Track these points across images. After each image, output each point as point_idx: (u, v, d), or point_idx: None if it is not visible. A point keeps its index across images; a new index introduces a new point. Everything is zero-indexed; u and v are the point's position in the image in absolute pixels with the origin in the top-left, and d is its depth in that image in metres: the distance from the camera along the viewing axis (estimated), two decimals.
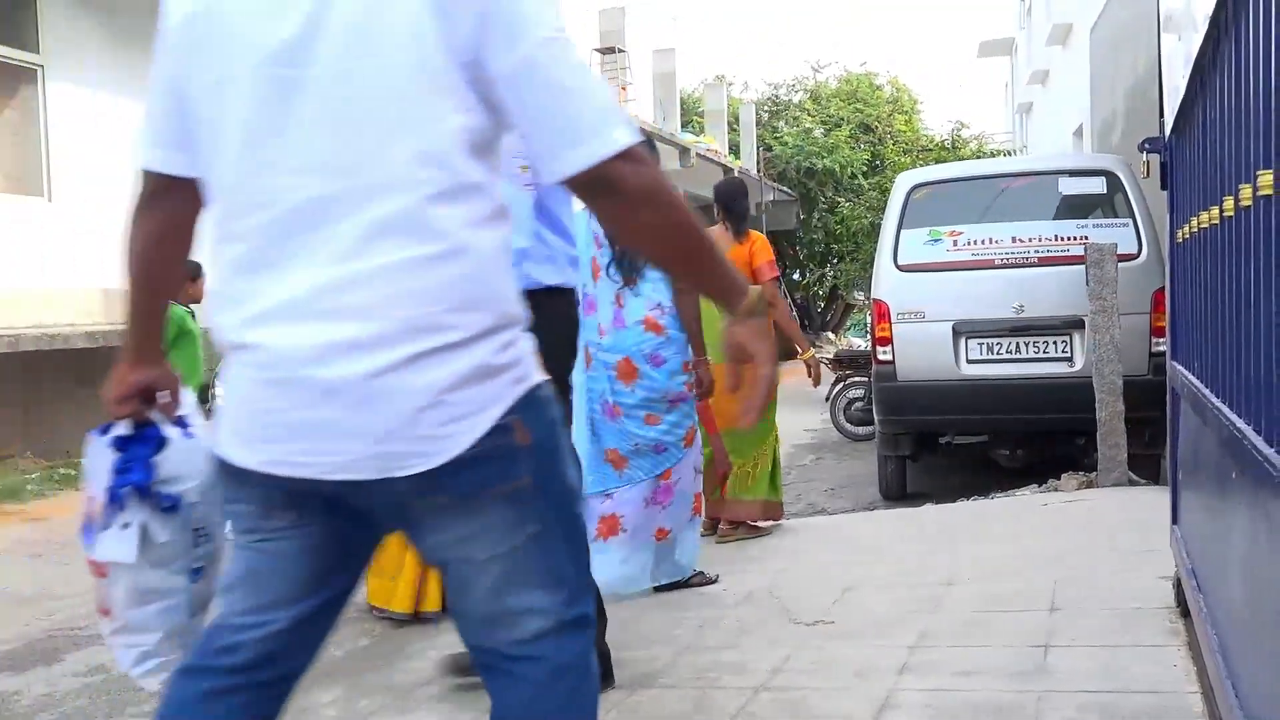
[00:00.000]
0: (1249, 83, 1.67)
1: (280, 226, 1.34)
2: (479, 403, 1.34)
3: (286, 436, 1.35)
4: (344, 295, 1.31)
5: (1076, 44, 14.79)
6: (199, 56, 1.40)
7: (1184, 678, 2.62)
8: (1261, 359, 1.60)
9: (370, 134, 1.31)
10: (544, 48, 1.33)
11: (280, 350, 1.33)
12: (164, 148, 1.50)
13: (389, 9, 1.30)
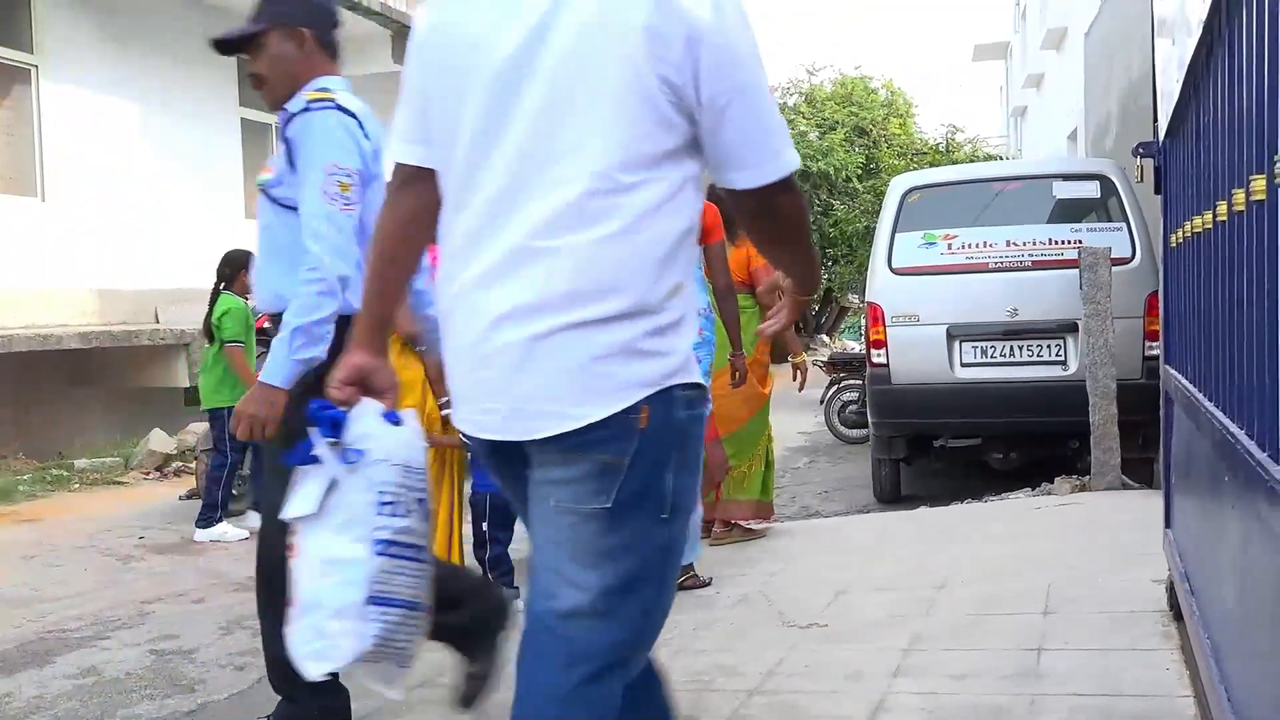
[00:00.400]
0: (1242, 87, 1.68)
1: (491, 208, 1.53)
2: (619, 381, 1.47)
3: (469, 397, 1.57)
4: (521, 267, 1.49)
5: (1071, 48, 14.83)
6: (440, 64, 1.62)
7: (1177, 681, 2.62)
8: (1254, 363, 1.60)
9: (571, 133, 1.49)
10: (754, 76, 1.53)
11: (469, 315, 1.53)
12: (412, 143, 1.70)
13: (607, 28, 1.47)
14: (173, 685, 3.35)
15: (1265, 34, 1.45)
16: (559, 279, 1.47)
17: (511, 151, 1.52)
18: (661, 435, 1.48)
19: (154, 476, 7.94)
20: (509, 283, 1.49)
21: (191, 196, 10.36)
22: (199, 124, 10.55)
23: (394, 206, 1.74)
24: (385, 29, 11.74)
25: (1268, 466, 1.43)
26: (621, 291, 1.48)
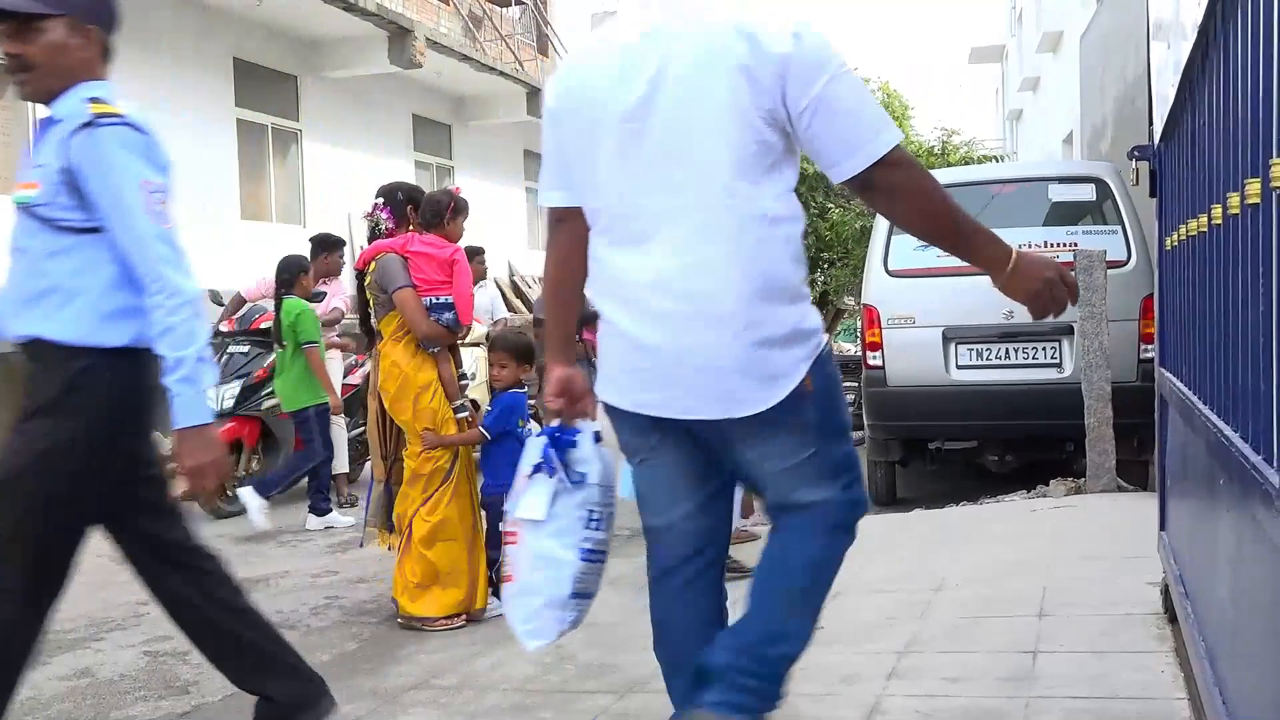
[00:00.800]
0: (1237, 91, 1.68)
1: (640, 231, 1.91)
2: (791, 363, 1.89)
3: (650, 384, 1.92)
4: (688, 281, 1.87)
5: (1067, 51, 14.86)
6: (574, 119, 1.99)
7: (1171, 684, 2.62)
8: (1249, 366, 1.60)
9: (697, 162, 1.86)
10: (829, 86, 1.81)
11: (669, 320, 1.88)
12: (557, 189, 2.09)
13: (710, 77, 1.84)
14: (167, 687, 3.34)
15: (1260, 38, 1.46)
16: (726, 284, 1.85)
17: (646, 182, 1.90)
18: (824, 389, 1.93)
19: None
20: (680, 294, 1.87)
21: (186, 197, 10.28)
22: (194, 124, 10.53)
23: (556, 242, 2.14)
24: (382, 30, 11.73)
25: (1262, 470, 1.43)
26: (782, 285, 1.90)
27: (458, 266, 3.95)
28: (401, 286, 3.84)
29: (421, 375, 3.89)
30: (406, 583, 3.84)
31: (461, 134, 15.68)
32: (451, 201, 4.03)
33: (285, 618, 4.09)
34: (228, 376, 6.31)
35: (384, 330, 3.94)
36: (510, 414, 3.94)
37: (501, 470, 3.88)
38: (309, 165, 12.27)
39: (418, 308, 3.85)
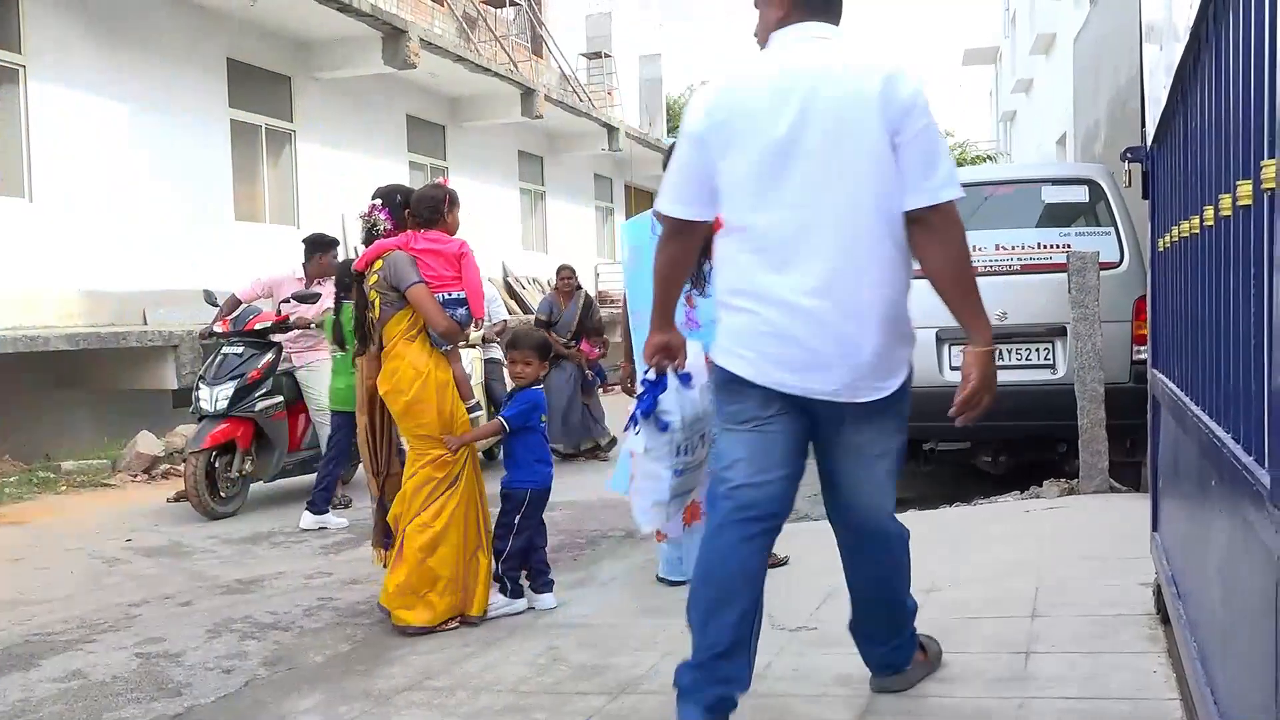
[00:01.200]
0: (1228, 93, 1.68)
1: (789, 240, 2.32)
2: (904, 359, 2.41)
3: (793, 366, 2.35)
4: (836, 284, 2.30)
5: (1060, 53, 14.88)
6: (723, 145, 2.38)
7: (1164, 684, 2.63)
8: (1240, 368, 1.61)
9: (848, 182, 2.29)
10: (926, 131, 2.31)
11: (813, 315, 2.31)
12: (684, 204, 2.46)
13: (858, 110, 2.28)
14: (159, 689, 3.33)
15: (1252, 40, 1.46)
16: (871, 289, 2.29)
17: (793, 201, 2.31)
18: (908, 382, 2.44)
19: (141, 479, 7.90)
20: (825, 294, 2.29)
21: (180, 197, 10.32)
22: (188, 124, 10.52)
23: (668, 247, 2.56)
24: (376, 31, 11.72)
25: (1253, 470, 1.44)
26: (904, 291, 2.37)
27: (465, 260, 3.90)
28: (415, 282, 3.77)
29: (441, 374, 3.85)
30: (401, 590, 3.79)
31: (456, 135, 15.67)
32: (446, 195, 3.99)
33: (278, 619, 4.08)
34: (221, 377, 6.28)
35: (391, 332, 3.84)
36: (533, 411, 3.92)
37: (524, 465, 3.92)
38: (303, 166, 12.26)
39: (435, 304, 3.78)
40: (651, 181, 22.97)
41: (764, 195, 2.34)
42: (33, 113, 8.88)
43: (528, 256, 17.50)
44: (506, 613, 3.87)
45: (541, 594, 3.98)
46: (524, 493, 3.88)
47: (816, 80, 2.31)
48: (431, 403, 3.79)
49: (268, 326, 6.50)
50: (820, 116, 2.29)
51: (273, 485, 6.98)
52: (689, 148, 2.44)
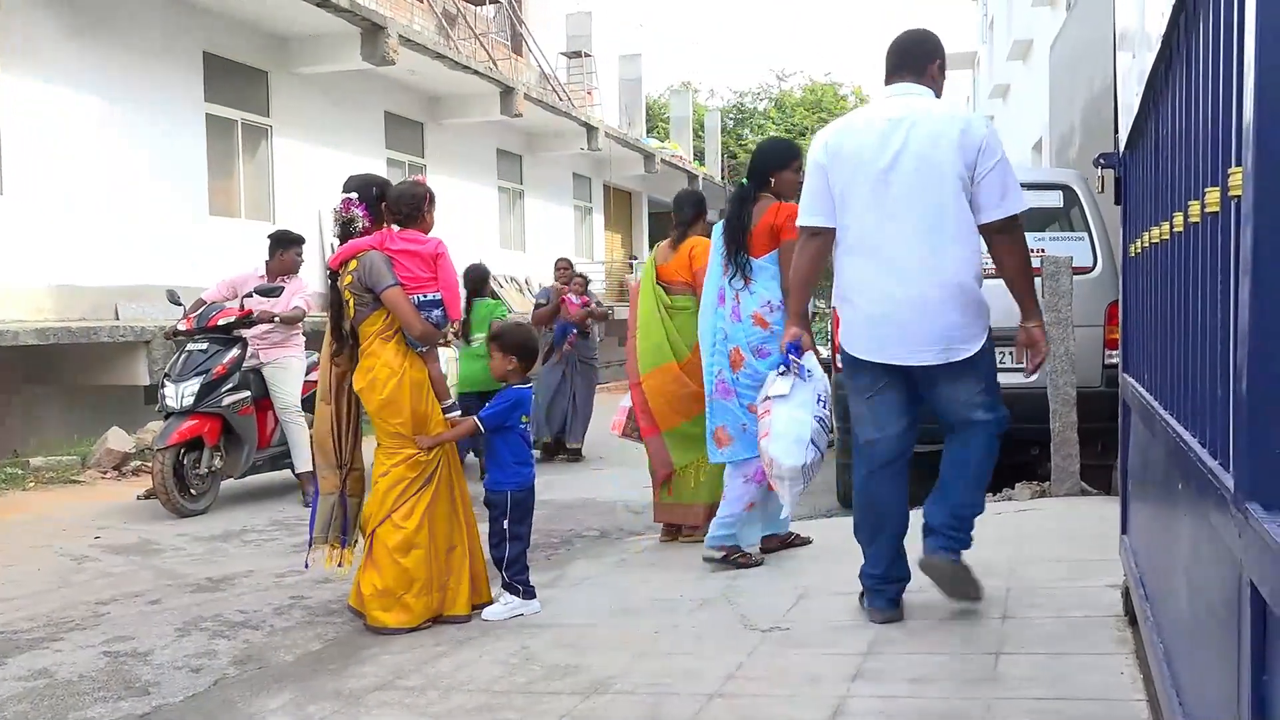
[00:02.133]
0: (1198, 101, 1.70)
1: (884, 245, 3.21)
2: (981, 328, 3.22)
3: (894, 343, 3.22)
4: (924, 275, 3.16)
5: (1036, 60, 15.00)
6: (840, 171, 3.28)
7: (1131, 685, 2.65)
8: (1207, 373, 1.62)
9: (930, 202, 3.17)
10: (1000, 164, 3.17)
11: (909, 305, 3.18)
12: (816, 215, 3.37)
13: (936, 151, 3.16)
14: (126, 688, 3.30)
15: (1220, 50, 1.48)
16: (950, 277, 3.16)
17: (893, 217, 3.19)
18: (989, 344, 3.26)
19: (112, 476, 7.82)
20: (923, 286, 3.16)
21: (154, 192, 10.23)
22: (163, 119, 10.42)
23: (806, 250, 3.46)
24: (355, 27, 11.66)
25: (1219, 474, 1.45)
26: (975, 278, 3.20)
27: (442, 260, 3.87)
28: (391, 285, 3.74)
29: (416, 375, 3.82)
30: (378, 593, 3.76)
31: (434, 132, 15.61)
32: (426, 193, 3.95)
33: (249, 617, 4.05)
34: (187, 374, 6.22)
35: (366, 331, 3.82)
36: (514, 409, 3.85)
37: (504, 466, 3.85)
38: (279, 161, 12.17)
39: (410, 307, 3.75)
40: (630, 181, 22.98)
41: (869, 211, 3.21)
42: (4, 105, 8.76)
43: (506, 255, 17.45)
44: (523, 613, 3.84)
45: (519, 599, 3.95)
46: (504, 495, 3.84)
47: (911, 126, 3.18)
48: (405, 402, 3.76)
49: (231, 322, 6.45)
50: (911, 153, 3.16)
51: (244, 482, 6.93)
52: (815, 174, 3.33)
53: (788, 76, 32.42)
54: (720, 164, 27.20)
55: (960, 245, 3.15)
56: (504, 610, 3.83)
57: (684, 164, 23.82)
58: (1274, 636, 1.16)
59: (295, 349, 6.75)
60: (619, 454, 8.65)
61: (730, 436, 4.32)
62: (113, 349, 8.61)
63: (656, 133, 27.51)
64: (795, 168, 4.36)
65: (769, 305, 4.25)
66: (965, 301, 3.16)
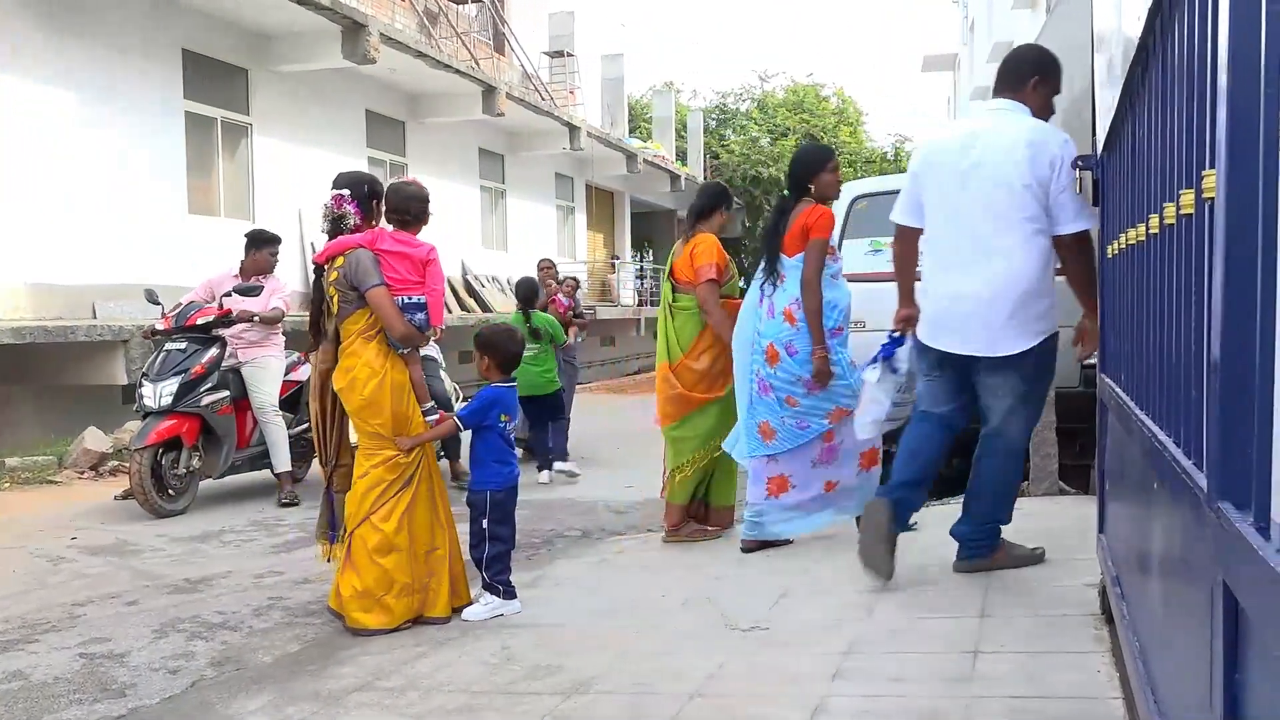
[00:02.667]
0: (1173, 104, 1.72)
1: (958, 246, 3.57)
2: (1033, 334, 3.51)
3: (948, 332, 3.61)
4: (990, 274, 3.49)
5: None
6: (926, 177, 3.69)
7: (1107, 683, 2.67)
8: (1181, 374, 1.64)
9: (998, 209, 3.48)
10: (1069, 182, 3.43)
11: (965, 299, 3.54)
12: (910, 216, 3.77)
13: (1005, 164, 3.46)
14: (102, 690, 3.28)
15: (1195, 54, 1.49)
16: (1006, 284, 3.47)
17: (968, 220, 3.54)
18: (1040, 358, 3.58)
19: (89, 476, 7.75)
20: (987, 285, 3.49)
21: (133, 190, 10.15)
22: (141, 116, 10.34)
23: (903, 242, 3.87)
24: (336, 25, 11.60)
25: (1192, 474, 1.46)
26: (1039, 282, 3.50)
27: (432, 266, 3.85)
28: (376, 285, 3.72)
29: (397, 376, 3.80)
30: (357, 594, 3.73)
31: (416, 131, 15.56)
32: (428, 196, 3.97)
33: (227, 618, 4.02)
34: (165, 373, 6.17)
35: (349, 329, 3.80)
36: (492, 407, 3.83)
37: (484, 465, 3.85)
38: (259, 160, 12.10)
39: (394, 308, 3.74)
40: (613, 181, 22.97)
41: (941, 213, 3.62)
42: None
43: (487, 255, 17.42)
44: (503, 613, 3.83)
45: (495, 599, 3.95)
46: (483, 495, 3.84)
47: (986, 142, 3.53)
48: (386, 404, 3.75)
49: (210, 321, 6.40)
50: (984, 164, 3.49)
51: (223, 482, 6.89)
52: (909, 179, 3.76)
53: (770, 77, 32.52)
54: (703, 164, 27.23)
55: (1020, 251, 3.45)
56: (484, 610, 3.82)
57: (666, 164, 23.84)
58: (1245, 635, 1.18)
59: (274, 348, 6.71)
60: (601, 454, 8.65)
61: (774, 429, 4.48)
62: (90, 348, 8.54)
63: (639, 133, 27.51)
64: (831, 168, 4.51)
65: (797, 302, 4.40)
66: (1017, 304, 3.47)
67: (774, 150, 28.40)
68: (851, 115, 31.61)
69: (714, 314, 4.77)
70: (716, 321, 4.77)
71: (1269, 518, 1.11)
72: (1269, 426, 1.10)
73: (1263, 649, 1.08)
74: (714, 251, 4.82)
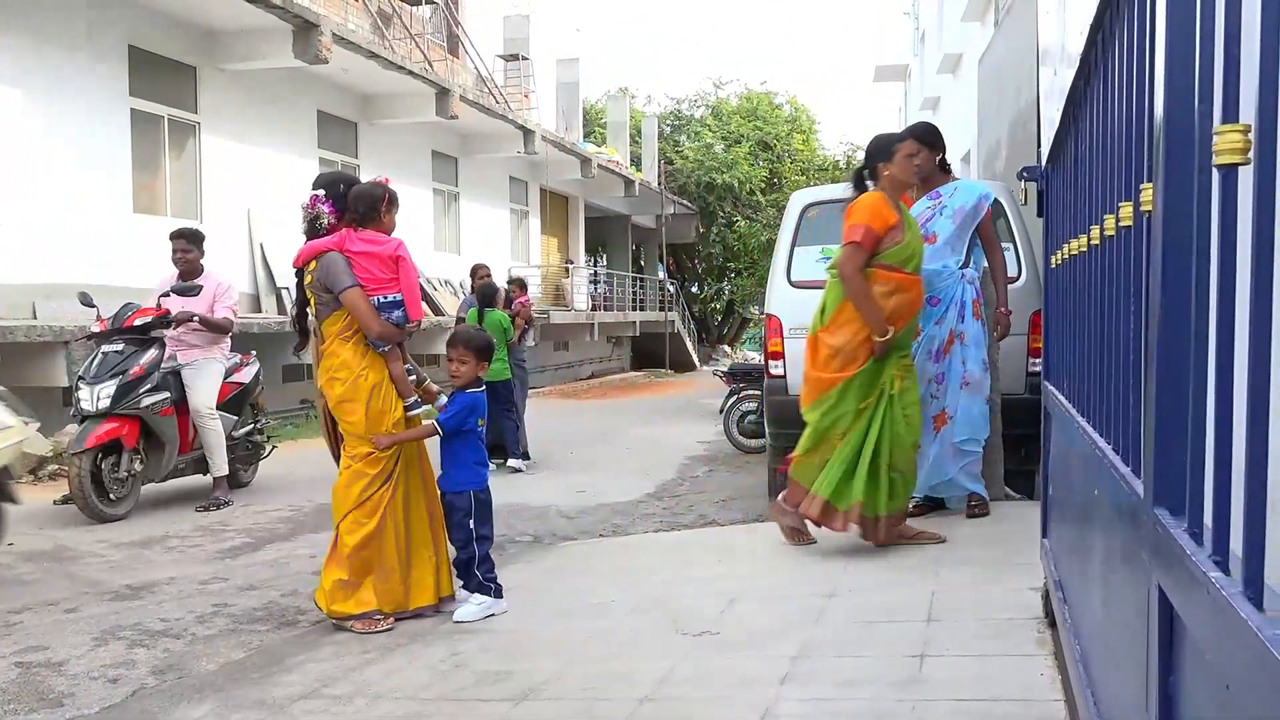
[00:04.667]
0: (1114, 118, 1.76)
1: None
2: None
3: None
4: None
5: (966, 73, 15.32)
6: None
7: (1049, 686, 2.72)
8: (1119, 382, 1.68)
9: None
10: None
11: None
12: None
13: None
14: (39, 699, 3.20)
15: (1134, 69, 1.53)
16: None
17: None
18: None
19: (27, 480, 7.56)
20: None
21: (75, 188, 9.93)
22: (85, 113, 10.12)
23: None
24: (287, 24, 11.46)
25: (1130, 481, 1.50)
26: None
27: (402, 262, 3.88)
28: (349, 287, 3.76)
29: (372, 375, 3.84)
30: (336, 583, 3.77)
31: (368, 132, 15.41)
32: (385, 194, 3.94)
33: (169, 626, 3.95)
34: (102, 376, 6.04)
35: (328, 330, 3.85)
36: (470, 413, 3.86)
37: (465, 466, 3.87)
38: (207, 159, 11.91)
39: (368, 308, 3.78)
40: (567, 185, 22.94)
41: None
42: None
43: (440, 258, 17.29)
44: (493, 612, 3.86)
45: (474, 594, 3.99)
46: (467, 496, 3.88)
47: None
48: (360, 401, 3.80)
49: (148, 322, 6.28)
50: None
51: (166, 486, 6.76)
52: None
53: (724, 84, 32.59)
54: (657, 170, 27.28)
55: None
56: (477, 610, 3.85)
57: (621, 169, 23.85)
58: (1179, 638, 1.20)
59: (215, 351, 6.60)
60: (554, 459, 8.62)
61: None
62: (30, 349, 8.33)
63: (594, 137, 27.51)
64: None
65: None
66: None
67: (727, 157, 28.53)
68: (804, 123, 31.87)
69: (851, 283, 4.20)
70: (853, 292, 4.21)
71: (1202, 524, 1.13)
72: (1203, 434, 1.13)
73: (1196, 652, 1.11)
74: (868, 211, 4.26)
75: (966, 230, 4.85)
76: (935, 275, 4.77)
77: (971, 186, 4.95)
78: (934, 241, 4.79)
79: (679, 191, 27.68)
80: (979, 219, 4.87)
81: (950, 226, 4.83)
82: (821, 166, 29.50)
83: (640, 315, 24.83)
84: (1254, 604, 0.89)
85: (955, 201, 4.87)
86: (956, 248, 4.85)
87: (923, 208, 4.90)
